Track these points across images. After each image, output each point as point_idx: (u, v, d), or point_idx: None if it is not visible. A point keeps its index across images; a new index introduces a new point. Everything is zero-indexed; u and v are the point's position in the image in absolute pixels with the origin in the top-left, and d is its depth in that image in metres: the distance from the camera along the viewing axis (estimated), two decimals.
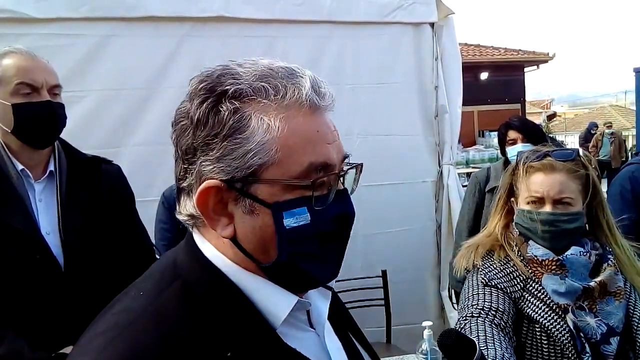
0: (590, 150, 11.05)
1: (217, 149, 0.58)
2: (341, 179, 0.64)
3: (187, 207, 0.63)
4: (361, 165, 0.67)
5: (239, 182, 0.58)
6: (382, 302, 2.75)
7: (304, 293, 0.66)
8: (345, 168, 0.65)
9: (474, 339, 0.86)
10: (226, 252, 0.62)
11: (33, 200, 1.38)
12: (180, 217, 0.65)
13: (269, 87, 0.59)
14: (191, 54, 2.57)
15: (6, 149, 1.37)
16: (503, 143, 2.42)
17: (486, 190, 2.42)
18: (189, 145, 0.60)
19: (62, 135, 1.50)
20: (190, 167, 0.60)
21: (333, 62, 2.84)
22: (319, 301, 0.69)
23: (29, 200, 1.37)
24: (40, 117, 1.36)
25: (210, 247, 0.63)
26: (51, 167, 1.44)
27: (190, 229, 0.65)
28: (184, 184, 0.62)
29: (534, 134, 2.38)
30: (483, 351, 1.01)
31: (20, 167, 1.38)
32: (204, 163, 0.59)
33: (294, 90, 0.59)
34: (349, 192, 0.67)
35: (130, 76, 2.52)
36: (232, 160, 0.58)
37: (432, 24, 3.02)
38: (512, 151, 2.29)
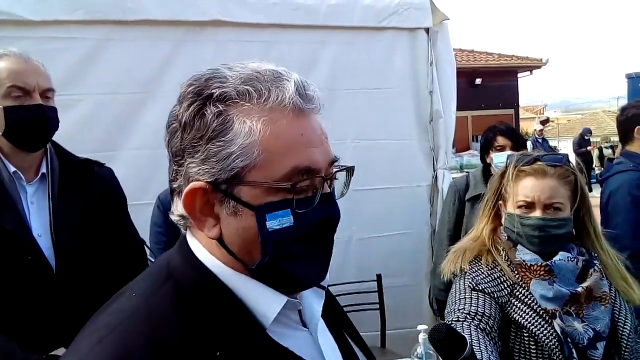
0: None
1: (202, 151, 0.59)
2: (328, 182, 0.64)
3: (178, 208, 0.64)
4: (352, 168, 0.67)
5: (224, 183, 0.59)
6: (377, 306, 2.75)
7: (295, 293, 0.66)
8: (333, 171, 0.65)
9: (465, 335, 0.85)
10: (215, 253, 0.63)
11: (25, 202, 1.37)
12: (172, 218, 0.66)
13: (252, 90, 0.59)
14: (187, 58, 2.56)
15: None
16: (489, 148, 2.38)
17: (465, 199, 2.39)
18: (177, 147, 0.61)
19: (59, 139, 1.50)
20: (179, 168, 0.62)
21: (328, 66, 2.84)
22: (312, 300, 0.70)
23: (21, 202, 1.36)
24: (30, 120, 1.35)
25: (201, 248, 0.63)
26: (43, 170, 1.43)
27: (183, 230, 0.66)
28: (175, 185, 0.63)
29: (520, 141, 2.40)
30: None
31: (12, 169, 1.37)
32: (190, 165, 0.60)
33: (277, 93, 0.60)
34: (340, 195, 0.67)
35: (126, 80, 2.50)
36: (216, 162, 0.59)
37: (427, 30, 3.03)
38: (499, 157, 2.25)
